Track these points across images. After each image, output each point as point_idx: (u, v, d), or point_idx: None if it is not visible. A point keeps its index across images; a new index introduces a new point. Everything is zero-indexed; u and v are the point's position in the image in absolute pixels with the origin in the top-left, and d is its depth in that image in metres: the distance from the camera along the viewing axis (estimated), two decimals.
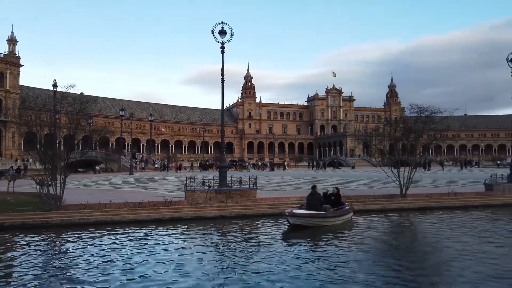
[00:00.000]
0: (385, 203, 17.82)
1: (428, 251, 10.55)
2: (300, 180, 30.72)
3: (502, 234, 12.43)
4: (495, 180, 20.74)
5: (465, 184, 26.70)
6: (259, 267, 8.56)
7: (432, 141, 23.46)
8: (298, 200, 16.26)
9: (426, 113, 19.42)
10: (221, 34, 17.97)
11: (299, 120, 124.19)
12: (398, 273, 8.27)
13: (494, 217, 15.74)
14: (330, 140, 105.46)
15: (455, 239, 11.44)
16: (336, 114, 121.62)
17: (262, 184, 25.98)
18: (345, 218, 13.76)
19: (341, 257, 9.40)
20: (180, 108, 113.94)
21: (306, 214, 12.77)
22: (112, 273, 8.16)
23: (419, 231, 13.63)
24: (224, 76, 18.68)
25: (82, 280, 7.69)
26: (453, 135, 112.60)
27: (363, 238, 11.87)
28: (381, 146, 24.38)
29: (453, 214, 16.31)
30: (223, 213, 15.47)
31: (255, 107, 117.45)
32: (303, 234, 11.98)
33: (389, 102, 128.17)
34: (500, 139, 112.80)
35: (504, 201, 19.13)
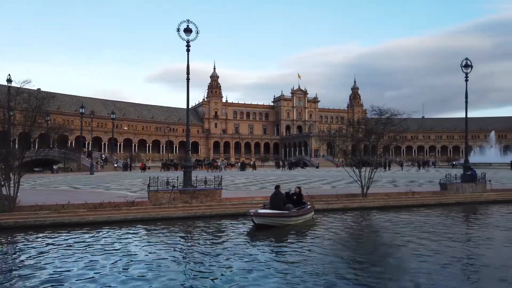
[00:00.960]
0: (347, 202, 18.30)
1: (386, 248, 10.96)
2: (266, 180, 30.94)
3: (455, 230, 13.11)
4: (449, 180, 21.80)
5: (422, 183, 27.92)
6: (225, 267, 8.54)
7: (392, 142, 24.34)
8: (263, 199, 16.36)
9: (386, 115, 20.14)
10: (187, 32, 17.75)
11: (265, 120, 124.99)
12: (358, 270, 8.52)
13: (447, 215, 16.58)
14: (295, 140, 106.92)
15: (412, 236, 11.94)
16: (301, 115, 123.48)
17: (228, 184, 25.95)
18: (307, 217, 14.06)
19: (305, 256, 9.57)
20: (144, 107, 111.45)
21: (270, 214, 12.89)
22: (67, 277, 7.85)
23: (378, 229, 14.11)
24: (189, 75, 18.47)
25: (32, 286, 7.33)
26: (411, 136, 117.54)
27: (326, 236, 12.15)
28: (344, 146, 25.02)
29: (410, 212, 17.02)
30: (188, 213, 15.29)
31: (222, 107, 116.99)
32: (268, 234, 12.08)
33: (352, 104, 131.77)
34: (455, 141, 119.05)
35: (457, 200, 20.19)
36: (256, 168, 63.47)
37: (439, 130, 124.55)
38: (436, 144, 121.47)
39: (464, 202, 20.03)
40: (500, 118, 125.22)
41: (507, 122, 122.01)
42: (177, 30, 17.78)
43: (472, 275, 8.15)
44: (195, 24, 17.85)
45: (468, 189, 21.70)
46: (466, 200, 20.39)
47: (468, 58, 22.83)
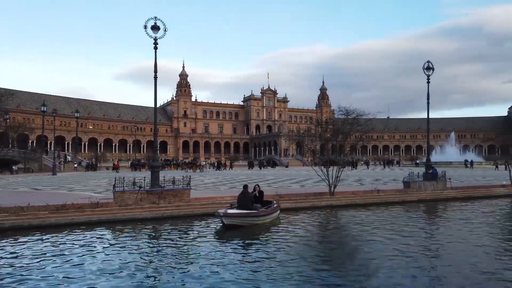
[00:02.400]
0: (315, 200, 18.58)
1: (352, 245, 11.22)
2: (235, 180, 30.89)
3: (416, 227, 13.63)
4: (412, 179, 22.60)
5: (387, 182, 28.81)
6: (193, 269, 8.44)
7: (358, 141, 24.97)
8: (232, 199, 16.30)
9: (352, 115, 20.63)
10: (154, 29, 17.41)
11: (235, 120, 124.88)
12: (325, 267, 8.67)
13: (410, 212, 17.19)
14: (265, 140, 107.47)
15: (376, 233, 12.28)
16: (271, 114, 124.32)
17: (197, 184, 25.71)
18: (274, 216, 14.20)
19: (275, 255, 9.63)
20: (110, 105, 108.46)
21: (240, 214, 12.88)
22: (25, 283, 7.50)
23: (345, 227, 14.41)
24: (157, 73, 18.14)
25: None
26: (377, 136, 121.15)
27: (294, 235, 12.26)
28: (312, 146, 25.41)
29: (375, 210, 17.51)
30: (155, 214, 15.01)
31: (191, 106, 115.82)
32: (237, 234, 12.06)
33: (320, 104, 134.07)
34: (418, 140, 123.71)
35: (419, 198, 20.97)
36: (232, 167, 63.16)
37: (403, 130, 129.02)
38: (400, 143, 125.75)
39: (425, 200, 20.81)
40: (460, 119, 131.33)
41: (466, 123, 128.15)
42: (144, 27, 17.42)
43: (432, 269, 8.49)
44: (163, 22, 17.55)
45: (429, 187, 22.60)
46: (427, 197, 21.21)
47: (430, 61, 23.76)
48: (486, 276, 7.89)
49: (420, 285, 7.43)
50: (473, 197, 22.20)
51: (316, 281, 7.60)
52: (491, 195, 23.10)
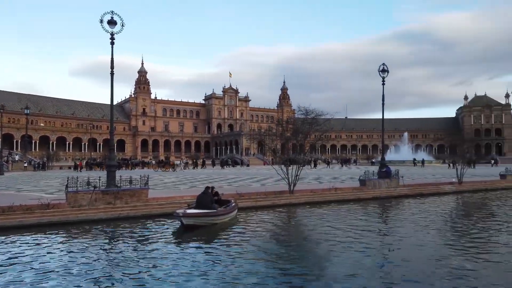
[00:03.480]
0: (275, 199, 18.78)
1: (310, 242, 11.47)
2: (196, 179, 30.56)
3: (370, 222, 14.17)
4: (367, 177, 23.46)
5: (344, 180, 29.67)
6: (150, 271, 8.25)
7: (317, 141, 25.50)
8: (192, 199, 16.09)
9: (311, 115, 21.02)
10: (111, 24, 16.82)
11: (196, 118, 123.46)
12: (284, 265, 8.79)
13: (365, 209, 17.84)
14: (226, 138, 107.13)
15: (333, 230, 12.62)
16: (233, 113, 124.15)
17: (156, 183, 25.18)
18: (232, 215, 14.22)
19: (235, 254, 9.63)
20: (64, 102, 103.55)
21: (199, 214, 12.75)
22: None
23: (303, 224, 14.69)
24: (113, 69, 17.53)
25: None
26: (335, 135, 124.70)
27: (253, 233, 12.35)
28: (273, 145, 25.64)
29: (333, 207, 18.00)
30: (110, 215, 14.51)
31: (150, 104, 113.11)
32: (196, 234, 11.93)
33: (281, 104, 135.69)
34: (374, 140, 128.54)
35: (374, 195, 21.79)
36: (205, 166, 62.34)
37: (360, 130, 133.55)
38: (357, 143, 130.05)
39: (380, 197, 21.66)
40: (413, 120, 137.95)
41: (418, 124, 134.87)
42: (100, 21, 16.79)
43: (385, 260, 8.88)
44: (120, 16, 16.99)
45: (383, 184, 23.55)
46: (382, 195, 22.08)
47: (385, 63, 24.75)
48: (434, 265, 8.38)
49: (375, 276, 7.73)
50: (423, 194, 23.41)
51: (276, 279, 7.69)
52: (439, 192, 24.46)
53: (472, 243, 10.76)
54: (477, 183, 28.49)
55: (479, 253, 9.62)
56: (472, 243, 10.76)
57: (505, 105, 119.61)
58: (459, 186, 26.20)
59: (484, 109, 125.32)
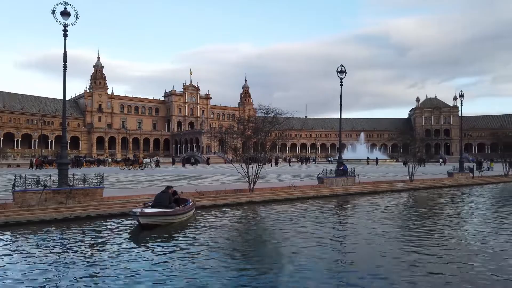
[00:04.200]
0: (234, 197, 18.76)
1: (269, 240, 11.56)
2: (154, 178, 29.88)
3: (327, 219, 14.54)
4: (325, 175, 24.05)
5: (303, 178, 30.22)
6: (105, 273, 7.95)
7: (278, 139, 25.78)
8: (150, 198, 15.73)
9: (272, 114, 21.21)
10: (64, 15, 16.01)
11: (155, 116, 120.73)
12: (243, 264, 8.80)
13: (322, 206, 18.27)
14: (187, 136, 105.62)
15: (291, 227, 12.82)
16: (193, 111, 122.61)
17: (112, 182, 24.37)
18: (189, 214, 14.07)
19: (194, 254, 9.51)
20: (11, 96, 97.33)
21: (157, 213, 12.46)
22: None
23: (262, 222, 14.79)
24: (66, 63, 16.70)
25: None
26: (295, 134, 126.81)
27: (211, 232, 12.25)
28: (234, 143, 25.59)
29: (292, 205, 18.27)
30: (62, 215, 13.83)
31: (107, 99, 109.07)
32: (154, 233, 11.66)
33: (243, 102, 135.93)
34: (332, 139, 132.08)
35: (331, 192, 22.38)
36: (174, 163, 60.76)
37: (319, 129, 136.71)
38: (316, 141, 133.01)
39: (337, 194, 22.28)
40: (369, 120, 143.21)
41: (374, 124, 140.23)
42: (52, 12, 15.93)
43: (345, 256, 9.14)
44: (74, 8, 16.20)
45: (340, 182, 24.25)
46: (338, 192, 22.73)
47: (343, 65, 25.43)
48: (387, 258, 8.75)
49: (333, 272, 7.93)
50: (377, 191, 24.35)
51: (233, 277, 7.68)
52: (392, 189, 25.57)
53: (420, 237, 11.33)
54: (427, 181, 30.07)
55: (426, 246, 10.15)
56: (420, 237, 11.33)
57: (453, 107, 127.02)
58: (411, 183, 27.52)
59: (434, 111, 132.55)
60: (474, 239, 11.38)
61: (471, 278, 7.60)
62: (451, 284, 7.33)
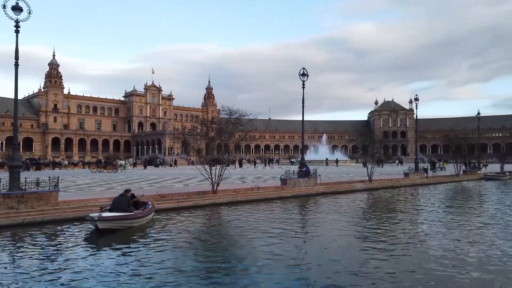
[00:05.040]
0: (197, 199, 18.57)
1: (230, 241, 11.53)
2: (113, 180, 28.96)
3: (289, 220, 14.73)
4: (288, 176, 24.37)
5: (267, 179, 30.44)
6: (60, 281, 7.59)
7: (241, 140, 25.81)
8: (108, 201, 15.21)
9: (235, 115, 21.20)
10: (16, 10, 15.16)
11: (115, 116, 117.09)
12: (205, 266, 8.72)
13: (285, 207, 18.50)
14: (148, 138, 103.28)
15: (254, 228, 12.87)
16: (155, 112, 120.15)
17: (68, 186, 23.38)
18: (149, 218, 13.77)
19: (152, 257, 9.30)
20: None
21: (116, 217, 12.07)
22: None
23: (224, 224, 14.75)
24: (18, 60, 15.82)
25: None
26: (259, 136, 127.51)
27: (172, 235, 12.05)
28: (197, 145, 25.33)
29: (255, 206, 18.36)
30: (13, 220, 13.07)
31: (63, 99, 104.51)
32: (112, 238, 11.29)
33: (206, 103, 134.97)
34: (295, 141, 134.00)
35: (294, 193, 22.70)
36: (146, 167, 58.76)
37: (282, 131, 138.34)
38: (280, 143, 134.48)
39: (299, 195, 22.64)
40: (330, 122, 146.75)
41: (335, 126, 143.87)
42: (3, 7, 15.03)
43: (305, 255, 9.30)
44: (27, 3, 15.39)
45: (303, 183, 24.65)
46: (301, 193, 23.10)
47: (305, 68, 25.91)
48: (347, 256, 8.99)
49: (294, 273, 8.03)
50: (338, 191, 24.99)
51: (194, 279, 7.59)
52: (352, 189, 26.34)
53: (377, 235, 11.76)
54: (384, 181, 31.24)
55: (382, 244, 10.55)
56: (376, 235, 11.76)
57: (409, 110, 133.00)
58: (370, 183, 28.48)
59: (391, 114, 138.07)
60: (426, 236, 11.96)
61: (424, 275, 7.98)
62: (402, 282, 7.66)
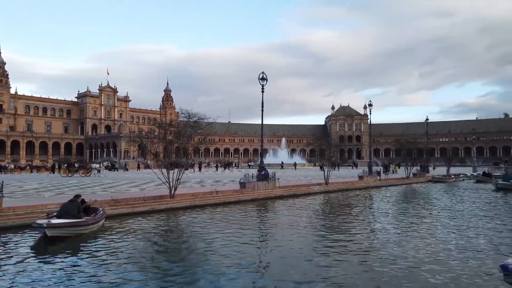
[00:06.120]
0: (154, 204, 18.07)
1: (187, 245, 11.32)
2: (64, 185, 27.53)
3: (248, 223, 14.73)
4: (247, 179, 24.39)
5: (226, 183, 30.29)
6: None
7: (200, 144, 25.52)
8: (57, 207, 14.39)
9: (194, 118, 20.92)
10: None
11: (67, 118, 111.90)
12: (159, 271, 8.48)
13: (244, 210, 18.48)
14: (103, 140, 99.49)
15: (211, 233, 12.72)
16: (111, 114, 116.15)
17: (14, 191, 21.92)
18: (100, 224, 13.19)
19: (104, 265, 8.90)
20: None
21: (65, 224, 11.42)
22: None
23: (181, 229, 14.46)
24: None
25: None
26: (219, 139, 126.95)
27: (127, 241, 11.63)
28: (155, 148, 24.69)
29: (214, 210, 18.17)
30: None
31: (9, 99, 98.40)
32: (61, 246, 10.68)
33: (164, 106, 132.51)
34: (255, 144, 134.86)
35: (253, 197, 22.73)
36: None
37: (242, 134, 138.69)
38: (239, 146, 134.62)
39: (258, 198, 22.70)
40: (290, 126, 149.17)
41: (293, 130, 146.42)
42: None
43: (262, 257, 9.30)
44: None
45: (262, 186, 24.77)
46: (260, 196, 23.18)
47: (264, 72, 26.16)
48: (305, 260, 9.12)
49: (254, 277, 8.00)
50: (296, 194, 25.37)
51: (151, 286, 7.36)
52: (310, 192, 26.84)
53: (333, 237, 12.05)
54: (340, 183, 32.15)
55: (337, 246, 10.81)
56: (332, 237, 12.05)
57: (363, 115, 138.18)
58: (326, 186, 29.18)
59: (347, 118, 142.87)
60: (378, 236, 12.41)
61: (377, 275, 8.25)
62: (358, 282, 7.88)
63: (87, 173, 42.67)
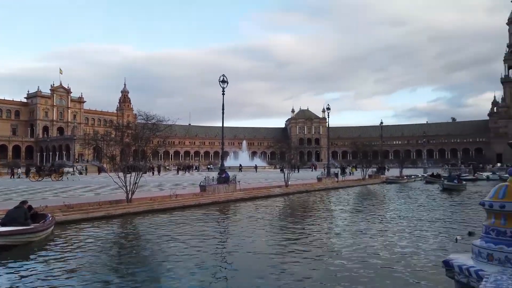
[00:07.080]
0: (110, 209, 17.44)
1: (144, 251, 11.03)
2: (12, 190, 25.90)
3: (209, 227, 14.61)
4: (208, 182, 24.17)
5: (186, 186, 29.83)
6: None
7: (159, 147, 24.96)
8: (2, 214, 13.50)
9: (152, 120, 20.46)
10: None
11: (15, 119, 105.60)
12: (114, 277, 8.19)
13: (204, 214, 18.31)
14: (55, 143, 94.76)
15: (170, 237, 12.47)
16: (64, 115, 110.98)
17: None
18: (49, 231, 12.53)
19: (58, 277, 8.45)
20: None
21: (12, 232, 10.74)
22: None
23: (138, 234, 14.09)
24: None
25: None
26: (179, 142, 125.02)
27: (80, 248, 11.13)
28: (111, 151, 23.86)
29: (173, 214, 17.83)
30: None
31: None
32: (9, 255, 10.02)
33: (121, 107, 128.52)
34: (215, 147, 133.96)
35: (213, 200, 22.55)
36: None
37: (203, 137, 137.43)
38: (200, 149, 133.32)
39: (219, 201, 22.55)
40: (250, 129, 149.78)
41: (254, 132, 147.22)
42: None
43: (224, 261, 9.24)
44: None
45: (222, 189, 24.65)
46: (220, 199, 23.05)
47: (225, 75, 26.13)
48: (268, 262, 9.15)
49: (215, 282, 7.93)
50: (257, 197, 25.49)
51: None
52: (270, 194, 27.08)
53: (292, 239, 12.24)
54: (300, 185, 32.69)
55: (298, 249, 10.99)
56: (292, 239, 12.24)
57: (322, 119, 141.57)
58: (286, 188, 29.56)
59: (306, 122, 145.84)
60: (337, 236, 12.76)
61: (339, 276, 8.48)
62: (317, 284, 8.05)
63: (59, 177, 39.98)
